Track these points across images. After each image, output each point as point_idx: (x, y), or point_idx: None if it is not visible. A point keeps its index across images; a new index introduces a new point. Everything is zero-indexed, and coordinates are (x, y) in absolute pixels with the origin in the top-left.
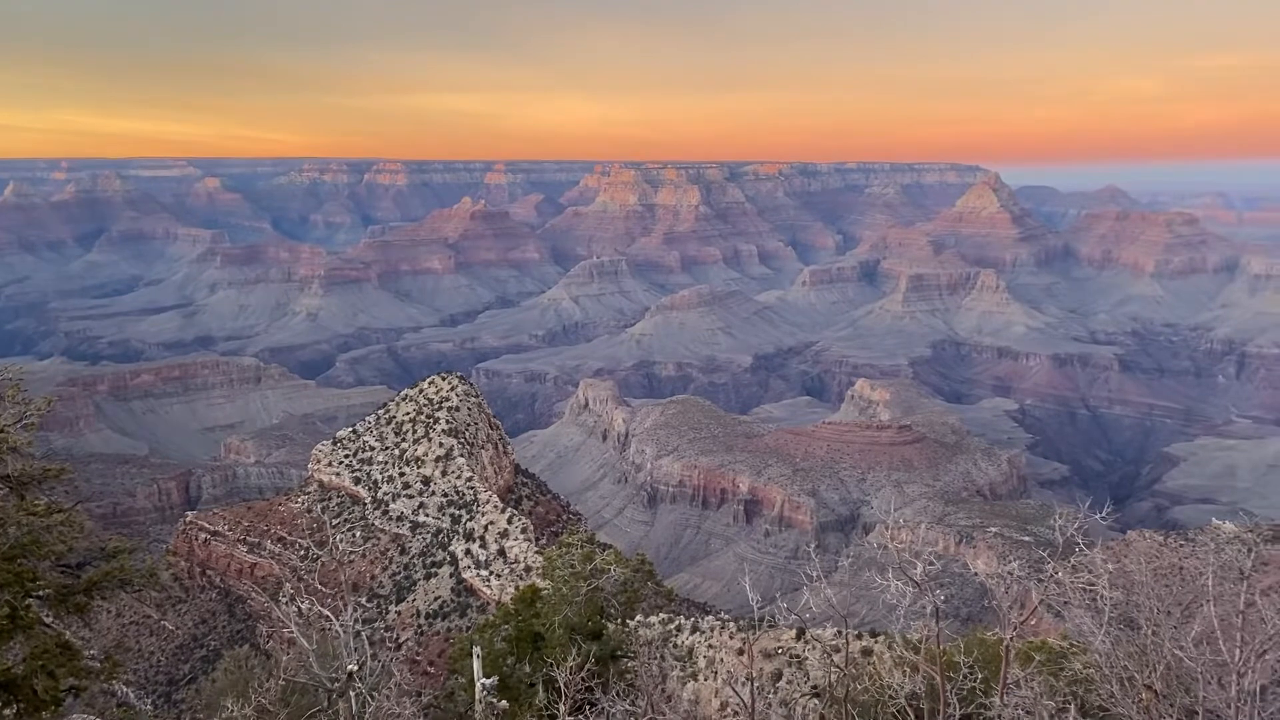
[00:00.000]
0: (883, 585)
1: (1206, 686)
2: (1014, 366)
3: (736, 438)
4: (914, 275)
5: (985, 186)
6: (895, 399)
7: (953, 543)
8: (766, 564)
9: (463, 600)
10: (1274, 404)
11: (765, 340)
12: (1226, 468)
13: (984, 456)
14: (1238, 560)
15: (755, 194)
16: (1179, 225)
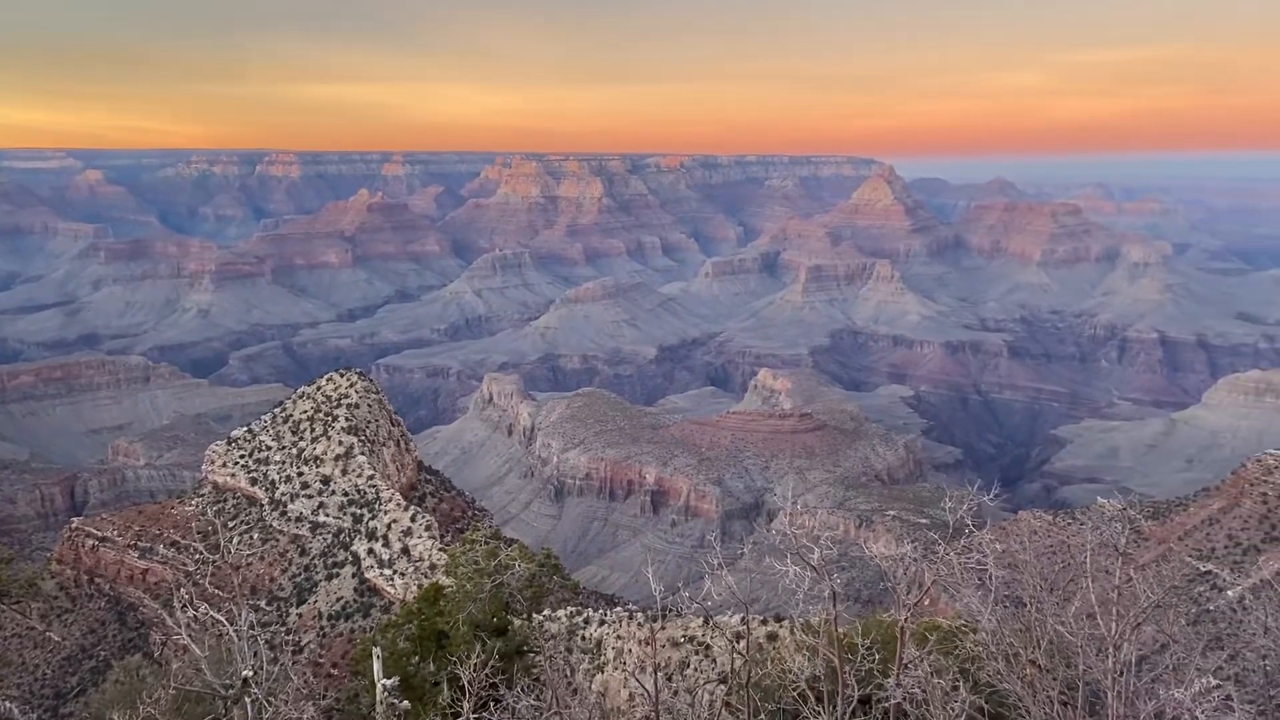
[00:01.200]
0: (782, 571)
1: (1086, 659)
2: (909, 354)
3: (643, 429)
4: (813, 266)
5: (880, 179)
6: (797, 388)
7: (853, 526)
8: (673, 554)
9: (366, 600)
10: (1152, 386)
11: (670, 332)
12: (1110, 448)
13: (882, 442)
14: (1114, 538)
15: (658, 186)
16: (1063, 216)
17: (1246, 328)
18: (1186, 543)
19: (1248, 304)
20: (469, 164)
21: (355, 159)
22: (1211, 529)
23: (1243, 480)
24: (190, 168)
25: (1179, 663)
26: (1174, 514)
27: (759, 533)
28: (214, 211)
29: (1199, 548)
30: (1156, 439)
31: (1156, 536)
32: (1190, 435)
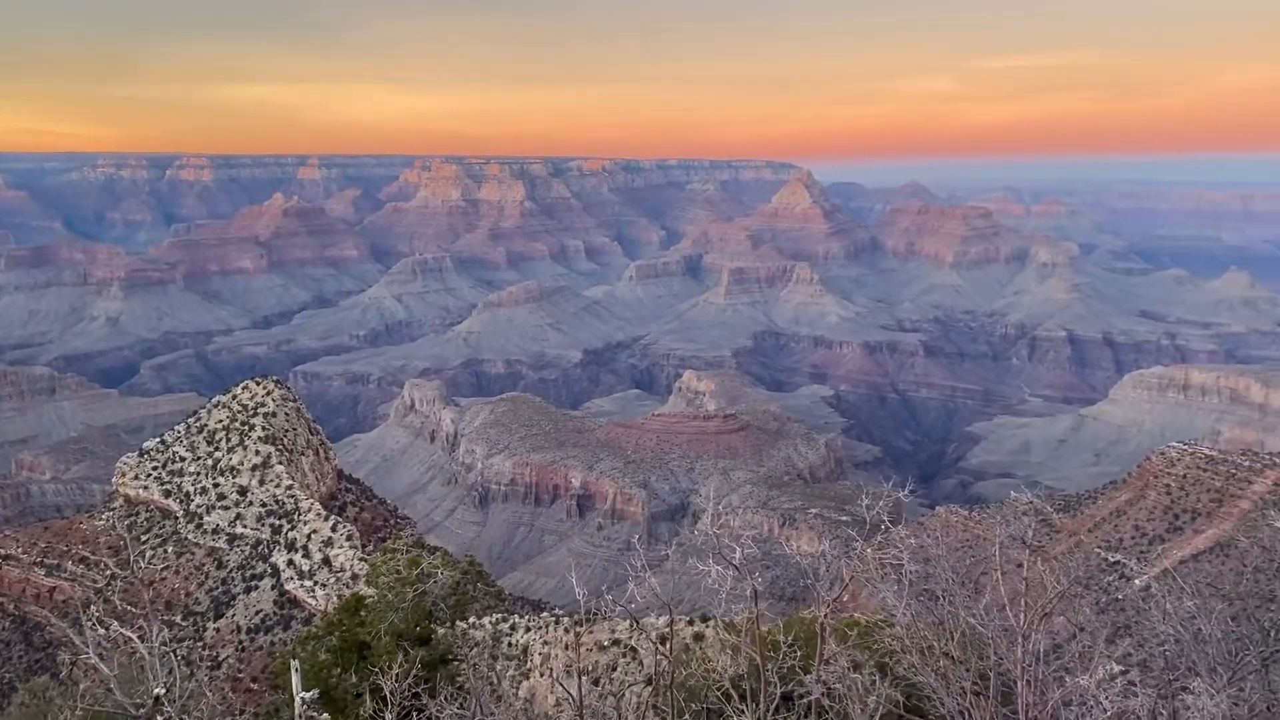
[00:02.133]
0: (705, 571)
1: (997, 650)
2: (829, 354)
3: (568, 433)
4: (735, 269)
5: (798, 183)
6: (720, 389)
7: (776, 525)
8: (600, 557)
9: (287, 612)
10: (1061, 383)
11: (594, 335)
12: (1022, 444)
13: (804, 441)
14: (1022, 532)
15: (580, 190)
16: (974, 218)
17: (1149, 325)
18: (1096, 534)
19: (1150, 302)
20: (387, 167)
21: (269, 162)
22: (1119, 520)
23: (1147, 473)
24: (96, 171)
25: (1084, 651)
26: (1084, 507)
27: (684, 534)
28: (122, 217)
29: (1108, 539)
30: (1066, 434)
31: (1068, 529)
32: (1098, 430)
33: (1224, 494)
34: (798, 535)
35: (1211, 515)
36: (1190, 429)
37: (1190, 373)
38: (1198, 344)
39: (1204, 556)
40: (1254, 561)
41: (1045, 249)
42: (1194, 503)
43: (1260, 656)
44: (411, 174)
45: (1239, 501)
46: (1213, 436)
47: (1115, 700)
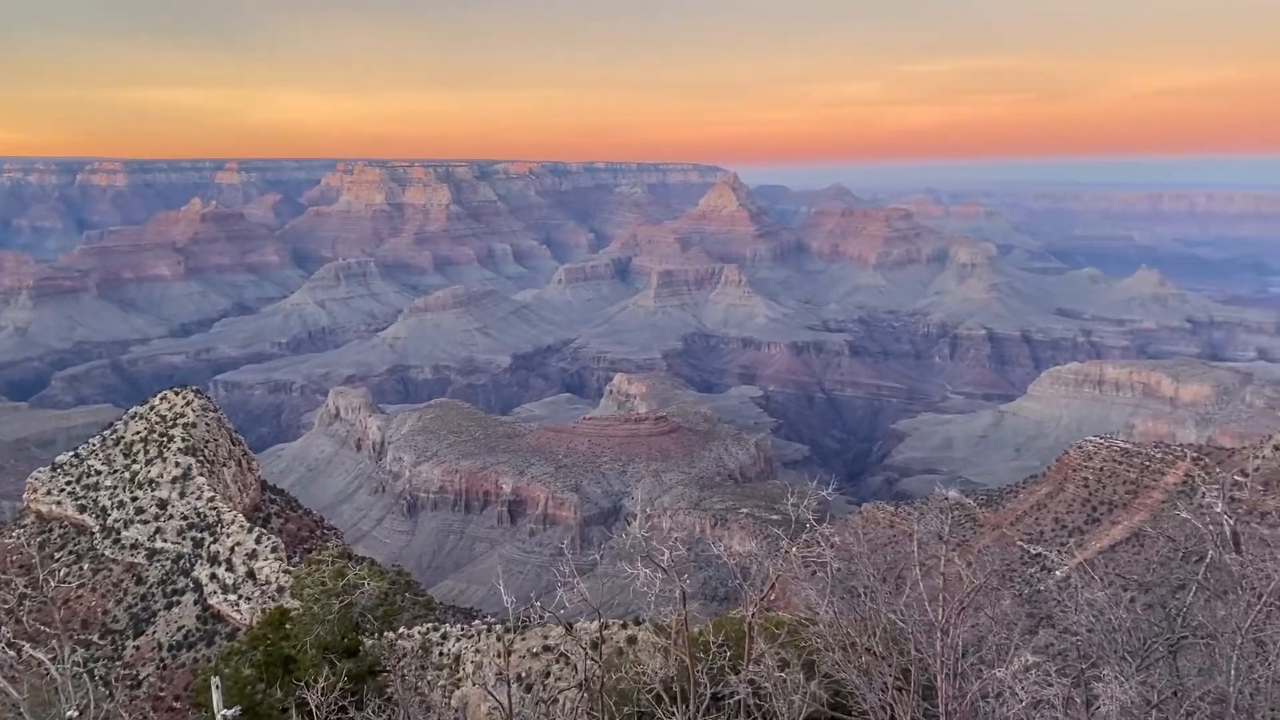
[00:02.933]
0: (632, 574)
1: (918, 644)
2: (757, 355)
3: (498, 439)
4: (664, 271)
5: (725, 186)
6: (651, 391)
7: (708, 525)
8: (533, 563)
9: (210, 628)
10: (982, 380)
11: (523, 339)
12: (945, 440)
13: (734, 442)
14: (939, 528)
15: (507, 193)
16: (896, 220)
17: (1066, 323)
18: (1018, 527)
19: (1066, 300)
20: (309, 171)
21: (186, 166)
22: (1040, 513)
23: (1066, 466)
24: (2, 176)
25: (1002, 643)
26: (1006, 501)
27: (616, 538)
28: (30, 223)
29: (1029, 531)
30: (987, 430)
31: (991, 523)
32: (1018, 425)
33: (1139, 485)
34: (729, 535)
35: (1127, 506)
36: (1106, 423)
37: (1105, 369)
38: (1111, 340)
39: (1120, 547)
40: (1160, 552)
41: (965, 249)
42: (1110, 495)
43: (1167, 644)
44: (334, 178)
45: (1152, 493)
46: (1127, 430)
47: (1030, 690)
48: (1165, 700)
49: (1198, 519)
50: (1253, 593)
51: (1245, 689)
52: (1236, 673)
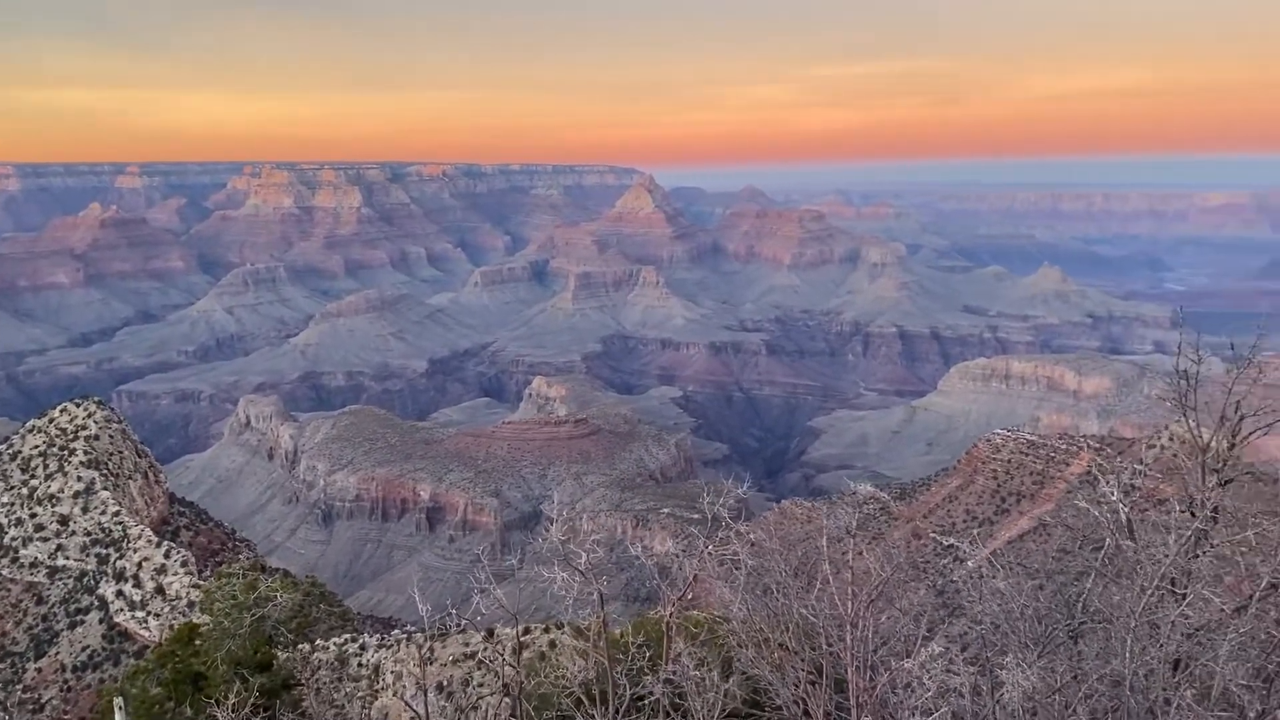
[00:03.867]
0: (549, 578)
1: (829, 639)
2: (676, 356)
3: (415, 445)
4: (582, 274)
5: (641, 188)
6: (571, 394)
7: (630, 526)
8: (452, 570)
9: (117, 647)
10: (893, 377)
11: (440, 344)
12: (860, 436)
13: (654, 442)
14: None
15: (420, 195)
16: (809, 221)
17: (973, 319)
18: (931, 519)
19: (972, 298)
20: (214, 174)
21: (84, 170)
22: (952, 505)
23: (975, 459)
24: None
25: (910, 635)
26: (919, 494)
27: (536, 542)
28: None
29: (942, 523)
30: (900, 425)
31: (905, 516)
32: (929, 420)
33: (1045, 476)
34: (651, 536)
35: (1034, 497)
36: (1012, 416)
37: (1011, 363)
38: (1016, 336)
39: (1028, 536)
40: (1060, 540)
41: (875, 249)
42: (1018, 486)
43: (1068, 630)
44: (240, 181)
45: (1058, 483)
46: (1033, 423)
47: (937, 679)
48: (1066, 684)
49: (1095, 508)
50: (1146, 578)
51: (1140, 670)
52: (1131, 655)
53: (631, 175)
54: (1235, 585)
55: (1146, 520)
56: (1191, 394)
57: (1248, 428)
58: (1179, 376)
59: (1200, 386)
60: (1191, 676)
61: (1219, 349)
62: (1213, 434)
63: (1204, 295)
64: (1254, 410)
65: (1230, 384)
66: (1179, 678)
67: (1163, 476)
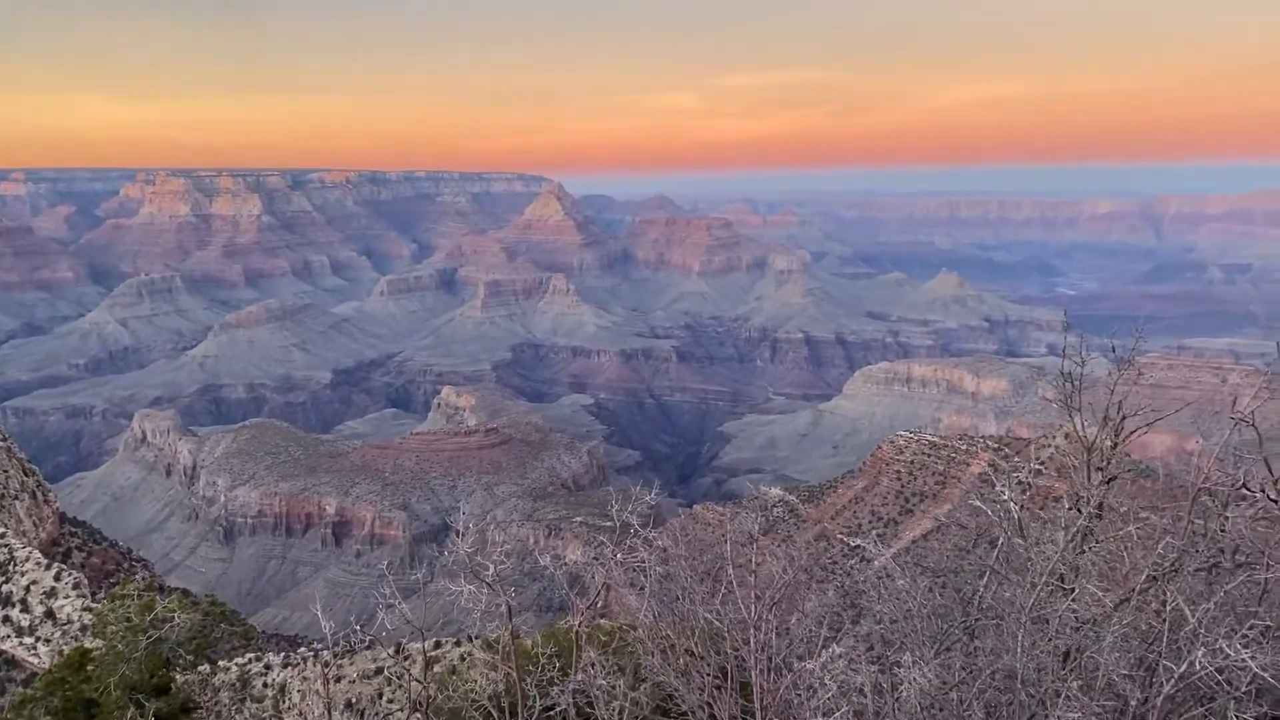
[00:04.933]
0: (457, 591)
1: (733, 642)
2: (588, 364)
3: (320, 458)
4: (491, 282)
5: (550, 195)
6: (481, 403)
7: (542, 536)
8: (360, 585)
9: (3, 675)
10: (801, 381)
11: (345, 354)
12: (769, 440)
13: (566, 451)
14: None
15: (323, 203)
16: (717, 229)
17: (875, 325)
18: (838, 521)
19: (875, 303)
20: (105, 181)
21: None
22: (858, 507)
23: (880, 460)
24: None
25: (812, 636)
26: (826, 495)
27: (446, 555)
28: None
29: (849, 524)
30: (807, 428)
31: (813, 518)
32: (835, 423)
33: (946, 476)
34: (563, 545)
35: (936, 496)
36: (915, 418)
37: (912, 367)
38: (917, 340)
39: (931, 535)
40: (954, 540)
41: (781, 257)
42: (921, 486)
43: (963, 627)
44: (133, 188)
45: (959, 482)
46: (934, 424)
47: (838, 679)
48: (962, 680)
49: (989, 507)
50: (1036, 574)
51: (1031, 664)
52: (1023, 649)
53: (540, 183)
54: (1120, 579)
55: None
56: (1076, 395)
57: (1130, 426)
58: (1064, 379)
59: (1089, 388)
60: (1079, 668)
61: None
62: (1097, 433)
63: (1093, 299)
64: (1135, 410)
65: (1113, 385)
66: (1067, 670)
67: (1057, 475)
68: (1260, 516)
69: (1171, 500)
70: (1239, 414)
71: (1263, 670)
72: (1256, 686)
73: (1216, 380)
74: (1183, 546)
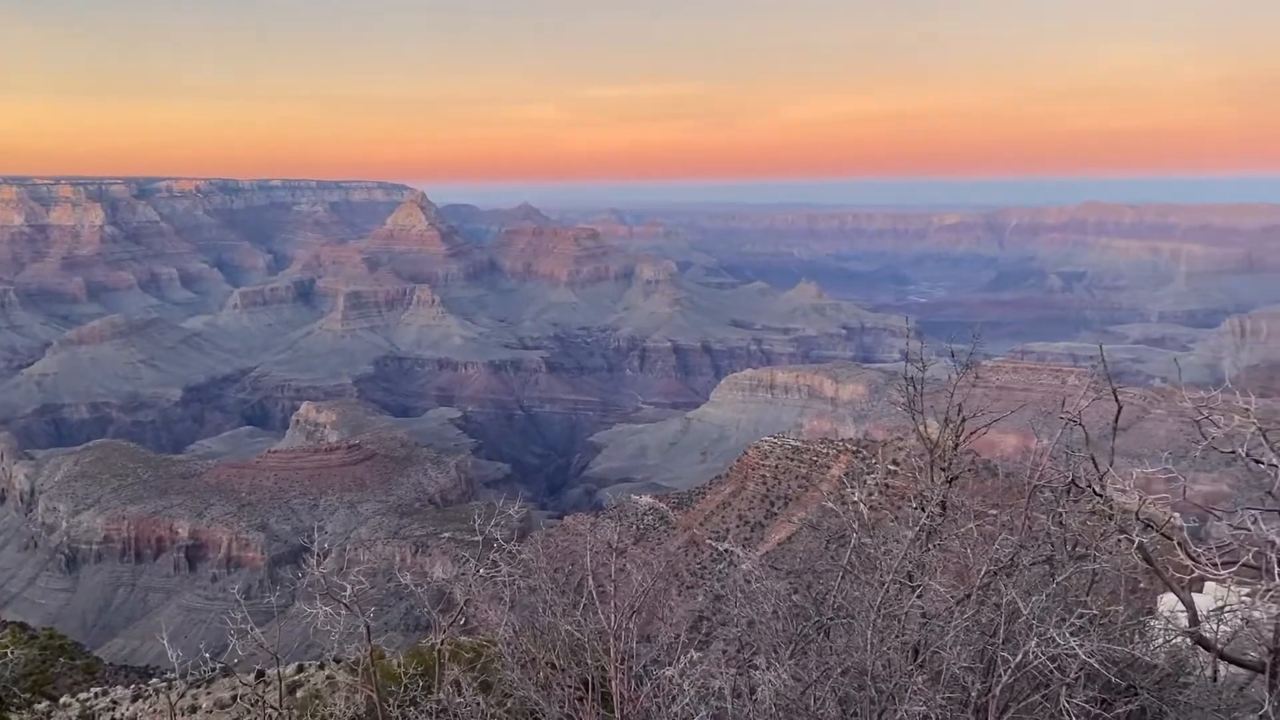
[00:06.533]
0: (314, 614)
1: (594, 653)
2: (455, 376)
3: (172, 479)
4: (351, 293)
5: (413, 204)
6: (342, 419)
7: (409, 553)
8: (216, 610)
9: None
10: (670, 390)
11: (196, 370)
12: (639, 448)
13: (433, 465)
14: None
15: (171, 212)
16: (584, 239)
17: (740, 333)
18: (707, 526)
19: (739, 312)
20: None
21: None
22: (725, 511)
23: (746, 466)
24: None
25: (672, 642)
26: (695, 501)
27: (309, 575)
28: None
29: (717, 529)
30: (676, 436)
31: (683, 524)
32: (703, 430)
33: (809, 480)
34: (431, 562)
35: (800, 499)
36: (778, 423)
37: (775, 374)
38: (780, 348)
39: (795, 537)
40: (805, 541)
41: (648, 267)
42: (785, 489)
43: (817, 626)
44: None
45: (821, 485)
46: (796, 429)
47: (697, 684)
48: (817, 679)
49: (841, 508)
50: (883, 572)
51: (879, 661)
52: (872, 646)
53: (402, 191)
54: (962, 575)
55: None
56: (919, 398)
57: (970, 427)
58: (908, 383)
59: (940, 391)
60: (925, 663)
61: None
62: (939, 434)
63: (943, 306)
64: (975, 411)
65: (952, 388)
66: (914, 664)
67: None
68: (1091, 511)
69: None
70: (1067, 414)
71: (1089, 657)
72: (1087, 672)
73: (1057, 382)
74: (1020, 542)
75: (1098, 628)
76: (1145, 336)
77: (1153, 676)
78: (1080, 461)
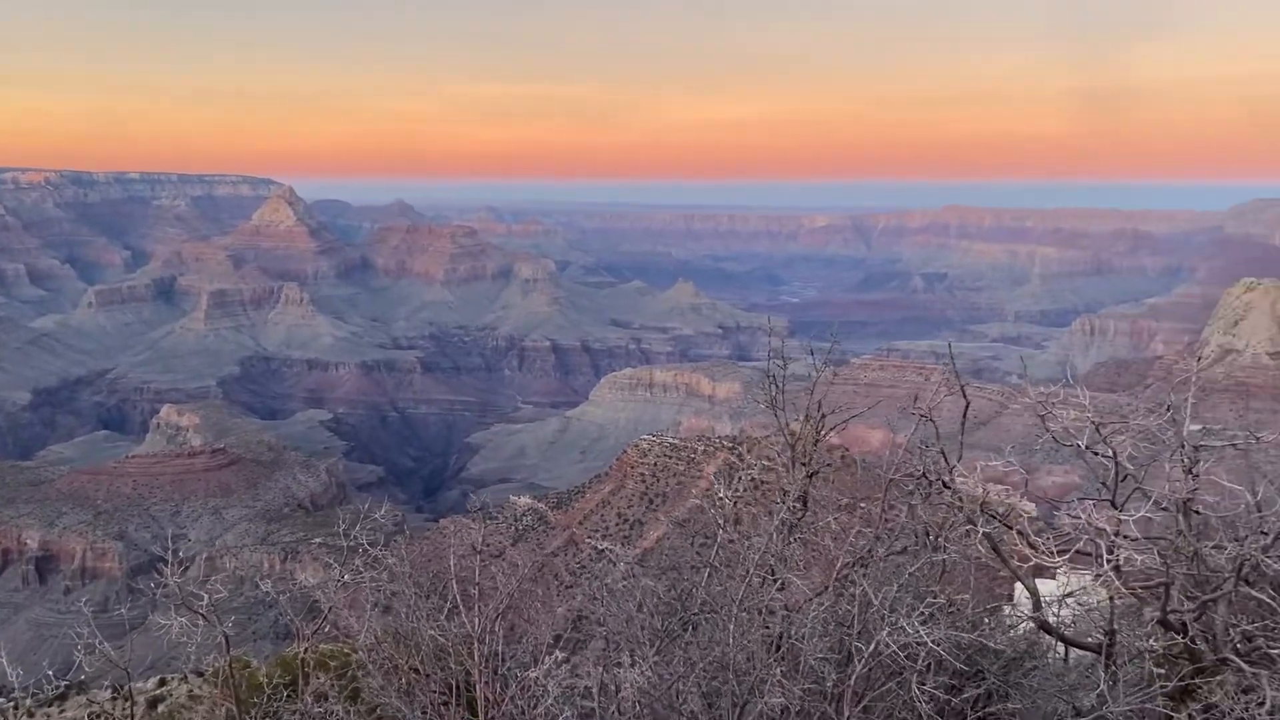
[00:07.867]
0: (169, 625)
1: (459, 657)
2: (325, 377)
3: (20, 487)
4: (215, 291)
5: (280, 200)
6: (206, 423)
7: (278, 560)
8: (69, 624)
9: None
10: (549, 389)
11: (46, 372)
12: (518, 449)
13: (303, 469)
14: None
15: (18, 205)
16: (461, 237)
17: (619, 332)
18: (587, 525)
19: (617, 311)
20: None
21: None
22: (605, 510)
23: (625, 464)
24: None
25: (537, 644)
26: (575, 501)
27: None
28: None
29: (597, 528)
30: (555, 436)
31: (562, 523)
32: (583, 430)
33: (687, 477)
34: (302, 568)
35: (678, 496)
36: (657, 422)
37: (654, 373)
38: (658, 347)
39: (672, 534)
40: (672, 538)
41: (527, 265)
42: (664, 487)
43: (682, 622)
44: None
45: (698, 482)
46: (675, 427)
47: (562, 683)
48: (681, 678)
49: (709, 504)
50: (746, 566)
51: (741, 654)
52: (734, 640)
53: (269, 186)
54: (824, 568)
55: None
56: (780, 395)
57: (830, 423)
58: (769, 381)
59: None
60: (785, 655)
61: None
62: (800, 429)
63: (814, 306)
64: (834, 408)
65: (812, 385)
66: (773, 657)
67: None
68: (941, 503)
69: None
70: (918, 410)
71: (936, 644)
72: (936, 659)
73: (920, 379)
74: (875, 534)
75: (945, 616)
76: (1003, 335)
77: (999, 661)
78: (932, 456)
